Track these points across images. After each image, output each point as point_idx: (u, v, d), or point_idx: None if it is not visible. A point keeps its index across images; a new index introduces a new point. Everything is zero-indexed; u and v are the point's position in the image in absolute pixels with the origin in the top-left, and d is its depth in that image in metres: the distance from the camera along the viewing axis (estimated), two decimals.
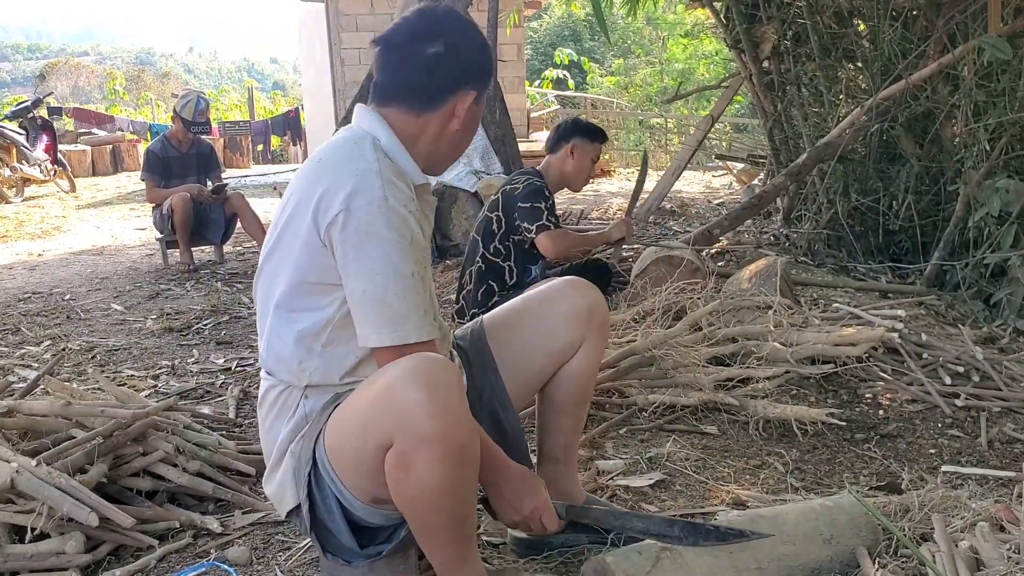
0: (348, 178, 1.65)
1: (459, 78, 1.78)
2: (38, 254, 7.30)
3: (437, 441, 1.48)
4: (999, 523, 1.99)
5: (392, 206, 1.62)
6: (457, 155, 1.90)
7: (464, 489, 1.57)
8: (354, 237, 1.62)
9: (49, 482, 2.07)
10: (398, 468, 1.52)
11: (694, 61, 22.86)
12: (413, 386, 1.50)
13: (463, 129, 1.82)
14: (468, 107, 1.79)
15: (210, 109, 6.67)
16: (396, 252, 1.61)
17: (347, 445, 1.64)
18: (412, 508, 1.57)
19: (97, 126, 17.56)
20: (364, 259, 1.62)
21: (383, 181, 1.64)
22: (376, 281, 1.61)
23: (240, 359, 3.97)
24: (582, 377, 2.07)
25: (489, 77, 1.84)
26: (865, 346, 3.33)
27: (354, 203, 1.62)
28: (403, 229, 1.63)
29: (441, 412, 1.48)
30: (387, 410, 1.52)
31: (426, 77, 1.76)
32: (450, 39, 1.77)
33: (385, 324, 1.63)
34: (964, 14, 5.08)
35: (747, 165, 9.91)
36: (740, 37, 6.70)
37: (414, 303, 1.63)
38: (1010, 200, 4.57)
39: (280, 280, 1.73)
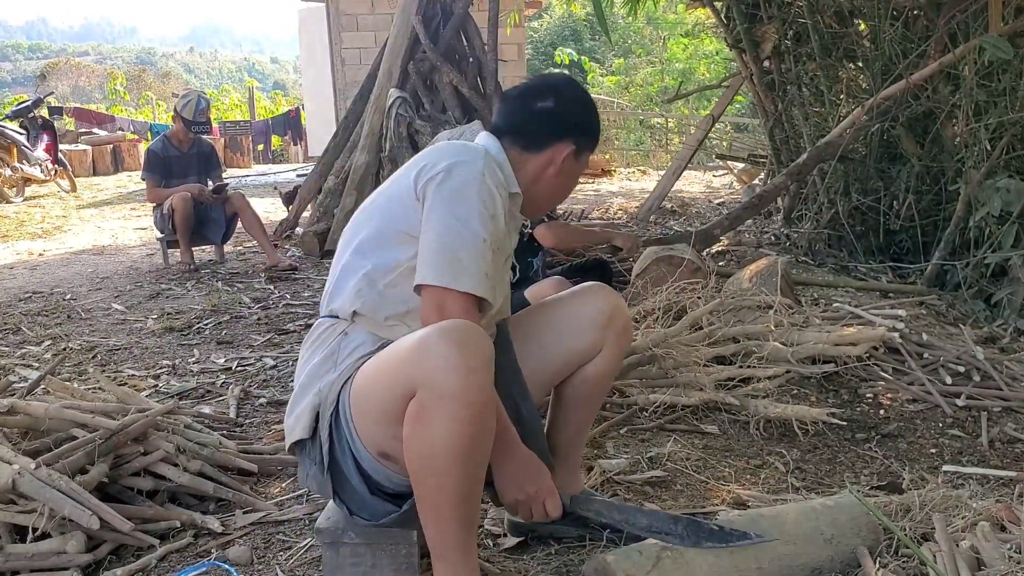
0: (456, 155, 1.87)
1: (561, 130, 1.98)
2: (39, 254, 7.30)
3: (458, 399, 1.52)
4: (1000, 523, 1.99)
5: (487, 182, 1.82)
6: (549, 204, 2.12)
7: (475, 457, 1.58)
8: (446, 193, 1.80)
9: (50, 484, 2.07)
10: (416, 419, 1.55)
11: (695, 61, 22.83)
12: (445, 341, 1.55)
13: (559, 177, 2.01)
14: (566, 157, 1.98)
15: (211, 109, 6.66)
16: (477, 217, 1.78)
17: (372, 392, 1.69)
18: (421, 466, 1.58)
19: (98, 126, 17.57)
20: (447, 213, 1.78)
21: (485, 163, 1.85)
22: (452, 232, 1.76)
23: (241, 359, 3.97)
24: (598, 380, 2.12)
25: (591, 138, 2.04)
26: (866, 346, 3.33)
27: (455, 169, 1.82)
28: (490, 203, 1.81)
29: (467, 371, 1.53)
30: (417, 361, 1.56)
31: (533, 124, 1.99)
32: (560, 98, 2.00)
33: (447, 267, 1.75)
34: (965, 13, 5.08)
35: (748, 165, 9.92)
36: (741, 37, 6.70)
37: (477, 262, 1.76)
38: (1011, 200, 4.57)
39: (365, 228, 1.90)
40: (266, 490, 2.56)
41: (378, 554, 1.83)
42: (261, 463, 2.64)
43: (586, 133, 2.03)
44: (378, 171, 6.76)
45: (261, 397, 3.42)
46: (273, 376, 3.70)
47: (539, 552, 2.10)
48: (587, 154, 2.06)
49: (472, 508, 1.64)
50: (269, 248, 6.25)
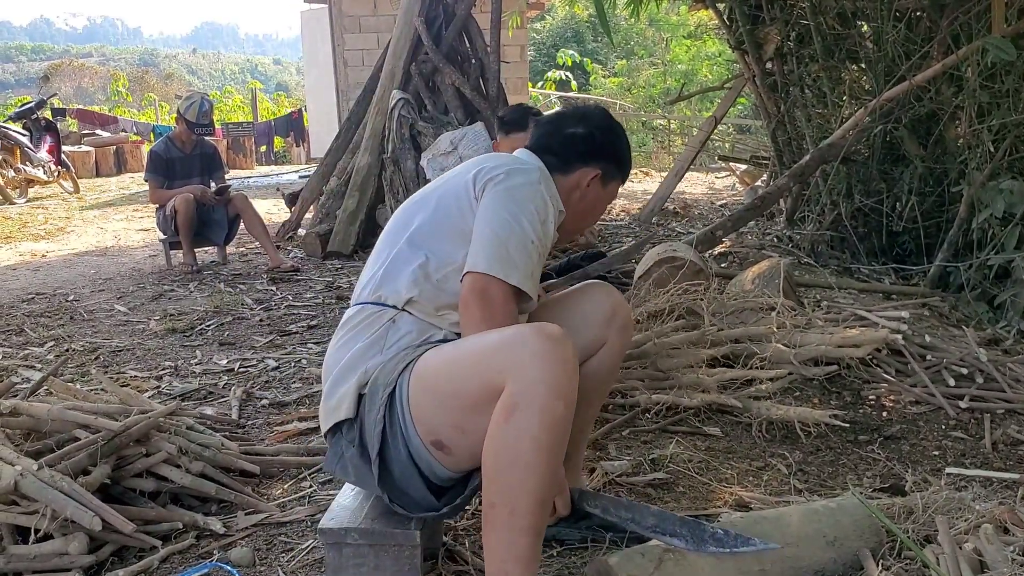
0: (513, 162, 1.98)
1: (588, 155, 2.07)
2: (42, 255, 7.31)
3: (553, 389, 1.54)
4: (1003, 525, 1.98)
5: (540, 190, 1.92)
6: (575, 228, 2.16)
7: (558, 454, 1.59)
8: (503, 193, 1.88)
9: (52, 485, 2.08)
10: (508, 412, 1.56)
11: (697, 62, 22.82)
12: (541, 337, 1.58)
13: (583, 202, 2.09)
14: (591, 182, 2.06)
15: (214, 111, 6.67)
16: (529, 218, 1.86)
17: (446, 378, 1.69)
18: (506, 459, 1.56)
19: (101, 127, 17.57)
20: (503, 209, 1.86)
21: (541, 175, 1.97)
22: (505, 228, 1.83)
23: (243, 360, 3.97)
24: (600, 376, 2.14)
25: (618, 167, 2.12)
26: (869, 348, 3.33)
27: (514, 173, 1.92)
28: (543, 209, 1.90)
29: (564, 364, 1.56)
30: (511, 351, 1.59)
31: (563, 147, 2.07)
32: (590, 126, 2.09)
33: (497, 259, 1.80)
34: (968, 15, 5.07)
35: (750, 166, 9.90)
36: (743, 38, 6.70)
37: (526, 260, 1.83)
38: (1014, 201, 4.56)
39: (420, 218, 1.96)
40: (268, 491, 2.56)
41: (381, 555, 1.83)
42: (263, 464, 2.64)
43: (613, 161, 2.10)
44: (380, 172, 6.76)
45: (263, 398, 3.42)
46: (275, 377, 3.70)
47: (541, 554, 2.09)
48: (615, 183, 2.13)
49: (545, 517, 1.63)
50: (271, 249, 6.25)
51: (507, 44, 11.59)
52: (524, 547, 1.58)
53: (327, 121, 14.02)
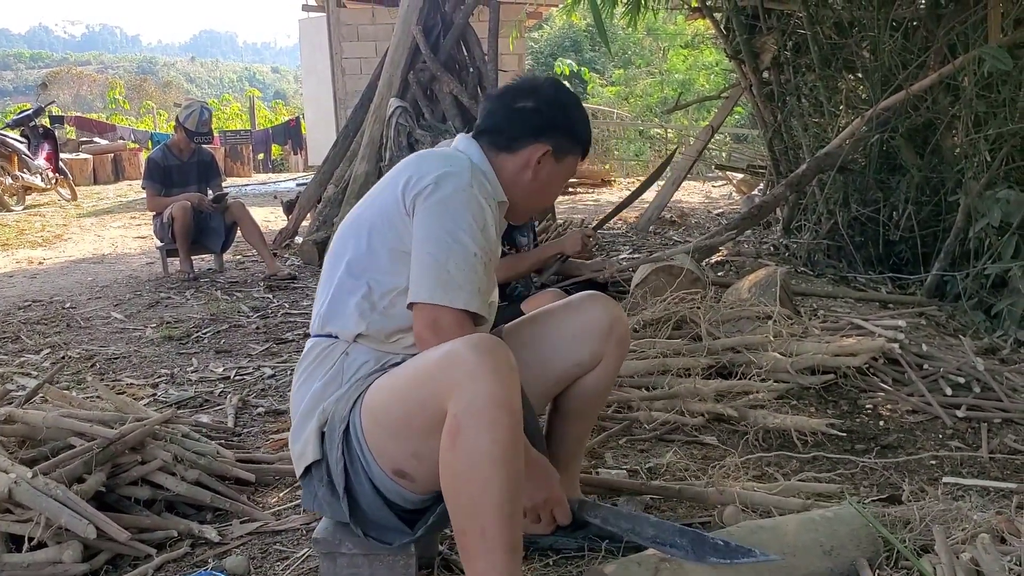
0: (442, 165, 1.84)
1: (538, 130, 1.94)
2: (39, 262, 7.30)
3: (495, 402, 1.51)
4: (1000, 535, 1.98)
5: (475, 194, 1.79)
6: (528, 208, 2.05)
7: (516, 464, 1.55)
8: (435, 207, 1.77)
9: (47, 493, 2.07)
10: (454, 434, 1.53)
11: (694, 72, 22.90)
12: (473, 351, 1.55)
13: (536, 180, 1.97)
14: (541, 158, 1.94)
15: (212, 119, 6.68)
16: (467, 231, 1.76)
17: (391, 407, 1.67)
18: (464, 480, 1.53)
19: (99, 135, 17.61)
20: (437, 227, 1.76)
21: (472, 173, 1.83)
22: (442, 247, 1.74)
23: (239, 368, 3.96)
24: (596, 392, 2.10)
25: (573, 141, 1.99)
26: (865, 356, 3.32)
27: (443, 181, 1.79)
28: (479, 215, 1.78)
29: (499, 375, 1.53)
30: (446, 371, 1.56)
31: (510, 123, 1.96)
32: (540, 100, 1.96)
33: (439, 285, 1.73)
34: (964, 25, 5.09)
35: (747, 175, 9.93)
36: (740, 48, 6.71)
37: (469, 277, 1.74)
38: (1011, 211, 4.56)
39: (354, 243, 1.87)
40: (264, 500, 2.55)
41: (375, 565, 1.83)
42: (259, 472, 2.63)
43: (566, 135, 1.99)
44: (378, 180, 6.76)
45: (259, 406, 3.41)
46: (271, 385, 3.69)
47: (536, 563, 2.08)
48: (571, 158, 2.02)
49: (517, 531, 1.58)
50: (268, 257, 6.25)
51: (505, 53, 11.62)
52: (504, 563, 1.55)
53: (325, 129, 14.04)
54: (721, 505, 2.30)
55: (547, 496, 1.80)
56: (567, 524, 1.85)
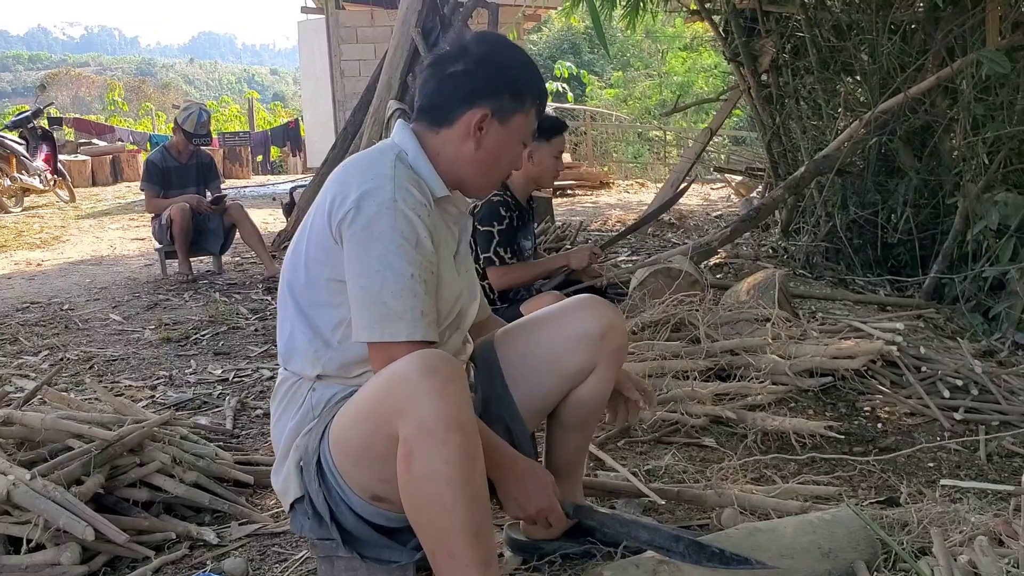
0: (363, 182, 1.70)
1: (469, 95, 1.78)
2: (37, 264, 7.29)
3: (442, 421, 1.47)
4: (998, 537, 1.98)
5: (400, 208, 1.66)
6: (484, 180, 1.87)
7: (476, 480, 1.51)
8: (360, 234, 1.66)
9: (45, 495, 2.07)
10: (407, 459, 1.50)
11: (693, 74, 22.91)
12: (415, 370, 1.51)
13: (481, 150, 1.81)
14: (480, 125, 1.78)
15: (211, 121, 6.68)
16: (397, 252, 1.64)
17: (351, 437, 1.65)
18: (424, 505, 1.51)
19: (97, 136, 17.59)
20: (366, 256, 1.65)
21: (395, 185, 1.68)
22: (374, 278, 1.65)
23: (238, 370, 3.96)
24: (592, 402, 2.01)
25: (515, 96, 1.80)
26: (864, 359, 3.33)
27: (364, 202, 1.67)
28: (408, 231, 1.66)
29: (444, 392, 1.48)
30: (391, 394, 1.54)
31: (441, 95, 1.81)
32: (472, 59, 1.79)
33: (377, 320, 1.65)
34: (962, 28, 5.10)
35: (745, 178, 9.93)
36: (739, 50, 6.72)
37: (409, 304, 1.65)
38: (1008, 213, 4.57)
39: (298, 275, 1.79)
40: (262, 502, 2.55)
41: (373, 568, 1.82)
42: (257, 475, 2.63)
43: (505, 91, 1.79)
44: None
45: (258, 408, 3.41)
46: (270, 387, 3.69)
47: (538, 567, 2.08)
48: (520, 116, 1.82)
49: (488, 544, 1.55)
50: (267, 259, 6.25)
51: None
52: None
53: (324, 131, 14.05)
54: (719, 507, 2.30)
55: (540, 504, 1.75)
56: (563, 528, 1.82)
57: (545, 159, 3.74)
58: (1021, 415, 3.14)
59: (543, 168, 3.75)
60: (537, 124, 1.89)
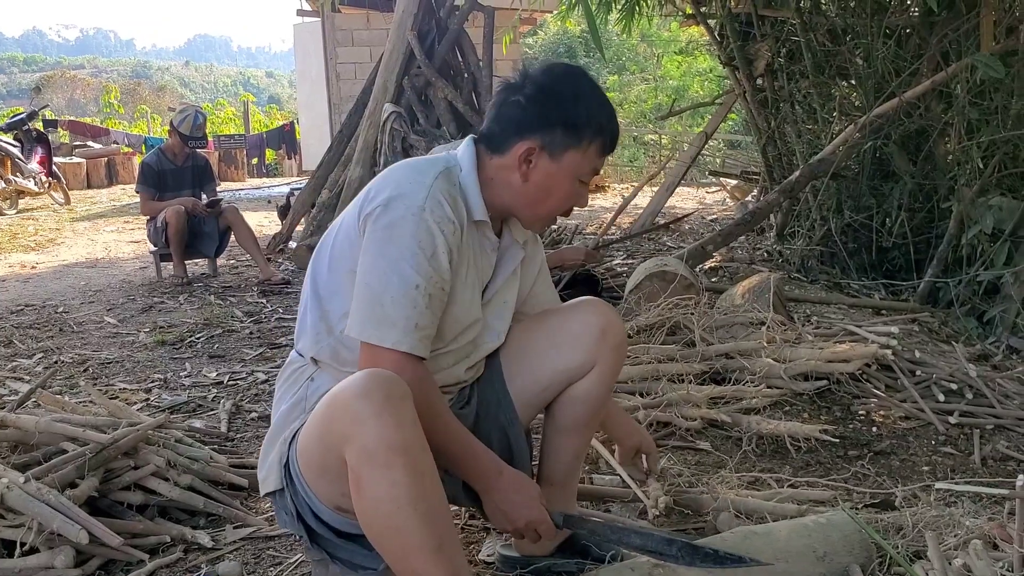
0: (400, 184, 1.70)
1: (521, 126, 1.76)
2: (31, 266, 7.28)
3: (380, 446, 1.44)
4: (992, 541, 1.99)
5: (425, 218, 1.65)
6: (532, 213, 1.84)
7: (428, 498, 1.48)
8: (380, 232, 1.66)
9: (39, 498, 2.06)
10: (353, 485, 1.49)
11: (688, 78, 22.96)
12: (352, 395, 1.49)
13: (528, 183, 1.78)
14: (526, 158, 1.76)
15: (207, 123, 6.68)
16: (410, 260, 1.64)
17: (311, 454, 1.64)
18: (381, 530, 1.50)
19: (92, 139, 17.57)
20: (379, 254, 1.65)
21: (428, 195, 1.67)
22: (380, 278, 1.64)
23: (232, 373, 3.96)
24: (590, 401, 1.98)
25: (569, 131, 1.75)
26: (858, 363, 3.33)
27: (394, 203, 1.67)
28: (427, 243, 1.65)
29: (377, 415, 1.45)
30: (333, 420, 1.53)
31: (498, 123, 1.80)
32: (530, 89, 1.77)
33: (371, 320, 1.64)
34: (957, 32, 5.11)
35: (741, 182, 9.94)
36: (734, 54, 6.73)
37: (406, 312, 1.63)
38: (1003, 218, 4.58)
39: (322, 265, 1.81)
40: (257, 505, 2.55)
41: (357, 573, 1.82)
42: (252, 478, 2.62)
43: (558, 125, 1.75)
44: None
45: (253, 411, 3.41)
46: (265, 390, 3.69)
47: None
48: (573, 153, 1.77)
49: (452, 556, 1.51)
50: (262, 262, 6.25)
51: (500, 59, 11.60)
52: None
53: (319, 134, 14.04)
54: (715, 511, 2.30)
55: (528, 517, 1.72)
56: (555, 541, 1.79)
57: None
58: (1015, 419, 3.15)
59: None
60: (602, 161, 1.83)
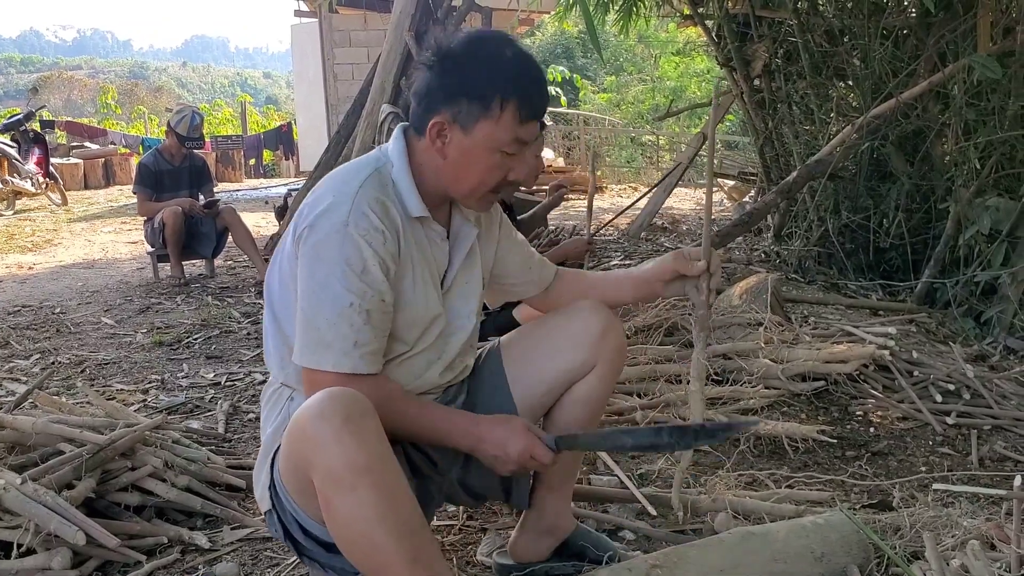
0: (327, 198, 1.65)
1: (431, 101, 1.67)
2: (29, 267, 7.27)
3: (344, 468, 1.42)
4: (990, 541, 1.99)
5: (350, 233, 1.60)
6: (462, 191, 1.73)
7: (399, 513, 1.47)
8: (309, 254, 1.62)
9: (36, 499, 2.06)
10: (323, 507, 1.48)
11: (686, 79, 22.98)
12: (308, 420, 1.46)
13: (448, 161, 1.69)
14: (438, 134, 1.67)
15: (204, 124, 6.67)
16: (340, 279, 1.59)
17: (287, 469, 1.62)
18: (356, 551, 1.49)
19: (90, 139, 17.56)
20: (310, 277, 1.62)
21: (353, 207, 1.61)
22: (313, 302, 1.61)
23: (230, 373, 3.96)
24: (590, 403, 1.96)
25: (477, 100, 1.63)
26: (856, 363, 3.34)
27: (319, 222, 1.62)
28: (355, 259, 1.60)
29: (336, 438, 1.43)
30: (295, 445, 1.52)
31: (416, 100, 1.71)
32: (438, 61, 1.66)
33: (308, 345, 1.62)
34: (954, 33, 5.12)
35: (738, 182, 9.95)
36: (731, 55, 6.73)
37: (342, 333, 1.60)
38: (1000, 218, 4.59)
39: (274, 281, 1.77)
40: (254, 506, 2.54)
41: None
42: (249, 479, 2.60)
43: (465, 97, 1.63)
44: None
45: (250, 412, 3.40)
46: (262, 391, 3.68)
47: None
48: (486, 123, 1.64)
49: (430, 566, 1.50)
50: (259, 262, 6.24)
51: None
52: None
53: (317, 134, 14.04)
54: (713, 512, 2.30)
55: (518, 447, 1.66)
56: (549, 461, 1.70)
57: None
58: (1013, 419, 3.16)
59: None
60: (530, 123, 1.67)
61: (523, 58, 1.67)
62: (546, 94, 1.73)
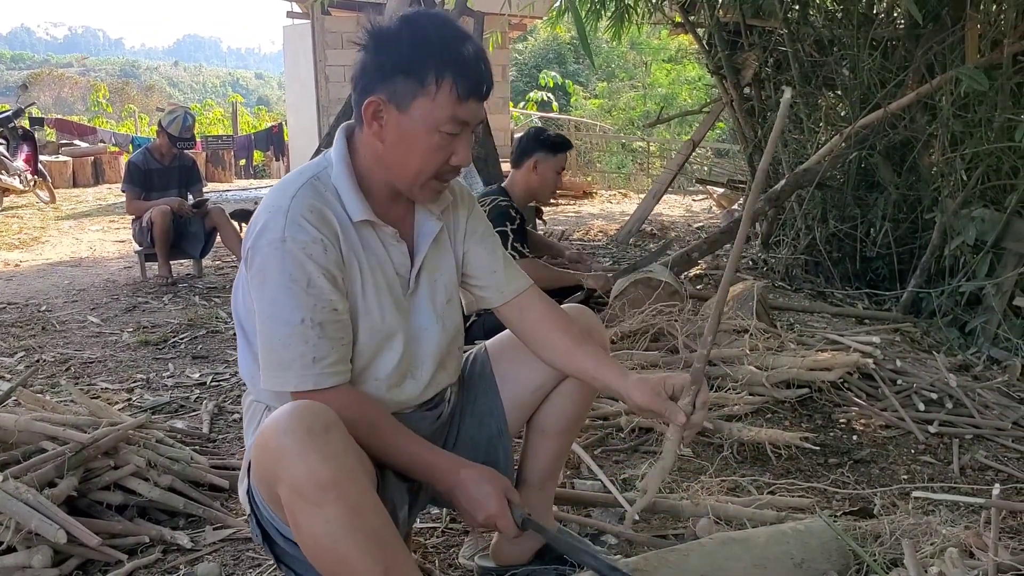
0: (263, 216, 1.62)
1: (368, 83, 1.61)
2: (15, 264, 7.24)
3: (308, 484, 1.41)
4: (968, 549, 2.00)
5: (288, 248, 1.56)
6: (402, 180, 1.67)
7: (367, 526, 1.45)
8: (256, 277, 1.60)
9: (17, 497, 2.05)
10: (291, 522, 1.48)
11: (677, 86, 23.05)
12: (273, 436, 1.45)
13: (386, 145, 1.63)
14: (373, 115, 1.61)
15: (195, 124, 6.66)
16: (285, 297, 1.57)
17: (258, 481, 1.61)
18: (320, 565, 1.49)
19: (79, 137, 17.48)
20: (261, 300, 1.60)
21: (287, 221, 1.58)
22: (268, 325, 1.60)
23: (216, 374, 3.95)
24: (573, 401, 1.97)
25: (414, 77, 1.56)
26: (840, 371, 3.35)
27: (258, 242, 1.59)
28: (298, 274, 1.57)
29: (301, 454, 1.41)
30: (260, 461, 1.51)
31: (353, 90, 1.65)
32: (371, 41, 1.61)
33: (269, 367, 1.62)
34: (942, 45, 5.16)
35: (727, 190, 9.98)
36: (722, 63, 6.77)
37: (299, 351, 1.58)
38: (985, 229, 4.62)
39: (239, 297, 1.75)
40: (237, 506, 2.54)
41: None
42: (233, 479, 2.62)
43: (400, 74, 1.57)
44: None
45: (235, 413, 3.40)
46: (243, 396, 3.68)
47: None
48: (424, 101, 1.57)
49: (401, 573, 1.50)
50: None
51: None
52: None
53: (307, 136, 14.00)
54: (695, 517, 2.31)
55: (487, 511, 1.65)
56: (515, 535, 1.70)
57: (548, 172, 3.85)
58: (994, 429, 3.18)
59: (544, 181, 3.88)
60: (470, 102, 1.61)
61: (460, 36, 1.61)
62: (484, 72, 1.64)
